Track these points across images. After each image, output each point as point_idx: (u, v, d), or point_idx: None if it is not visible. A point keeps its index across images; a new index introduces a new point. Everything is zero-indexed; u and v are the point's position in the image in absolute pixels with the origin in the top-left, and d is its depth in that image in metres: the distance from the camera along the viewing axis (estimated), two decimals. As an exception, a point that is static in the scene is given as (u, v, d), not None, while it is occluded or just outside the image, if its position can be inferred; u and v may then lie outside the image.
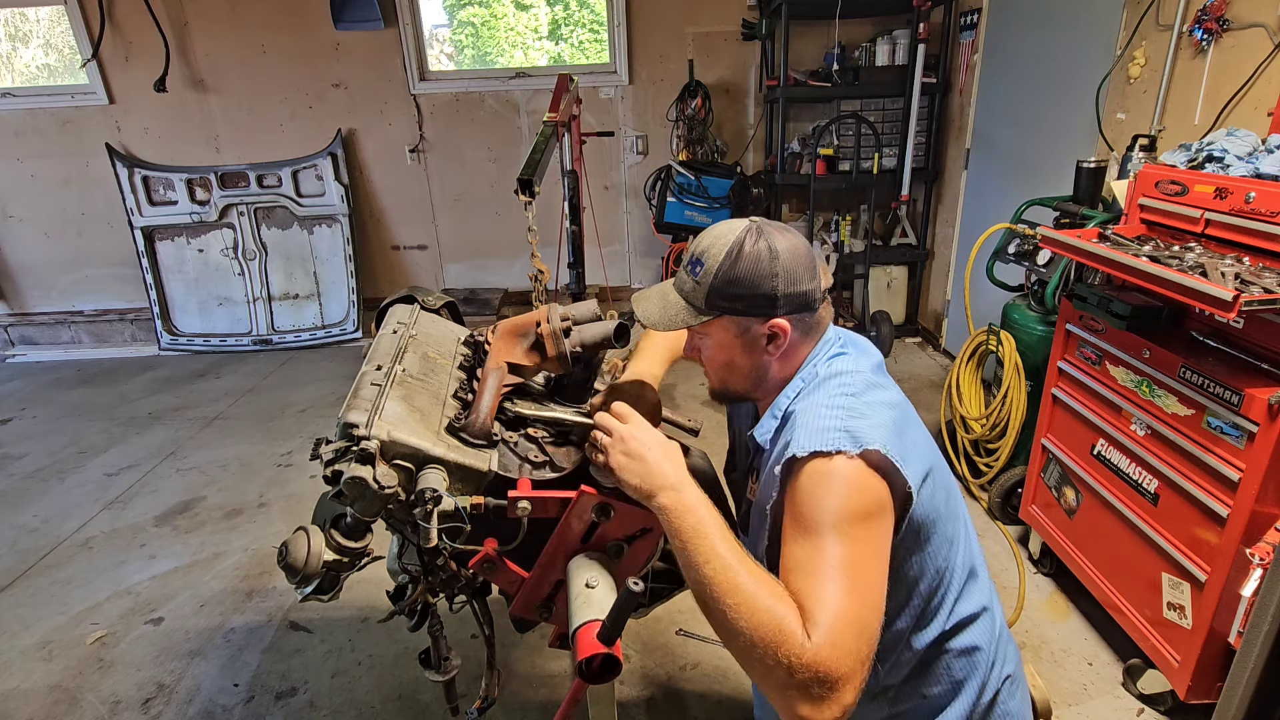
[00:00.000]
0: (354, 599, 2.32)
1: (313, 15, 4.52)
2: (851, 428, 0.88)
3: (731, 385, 1.08)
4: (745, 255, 0.97)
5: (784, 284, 0.97)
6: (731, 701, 1.96)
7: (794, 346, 1.02)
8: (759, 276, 0.97)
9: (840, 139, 4.37)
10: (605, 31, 4.79)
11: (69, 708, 2.01)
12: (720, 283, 0.98)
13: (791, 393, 1.03)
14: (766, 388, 1.06)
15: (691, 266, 1.02)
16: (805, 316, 1.01)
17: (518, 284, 5.18)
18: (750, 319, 1.00)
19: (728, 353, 1.04)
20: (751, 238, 0.98)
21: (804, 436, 0.89)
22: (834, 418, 0.90)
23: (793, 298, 0.98)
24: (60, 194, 4.90)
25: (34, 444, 3.62)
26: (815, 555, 0.83)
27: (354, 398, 1.08)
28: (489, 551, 1.07)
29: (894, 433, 0.90)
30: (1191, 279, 1.53)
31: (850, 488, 0.85)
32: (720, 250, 0.98)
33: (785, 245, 0.98)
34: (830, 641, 0.76)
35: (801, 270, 0.98)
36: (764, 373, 1.04)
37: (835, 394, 0.95)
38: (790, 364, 1.05)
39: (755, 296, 0.98)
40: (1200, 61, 2.38)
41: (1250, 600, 1.55)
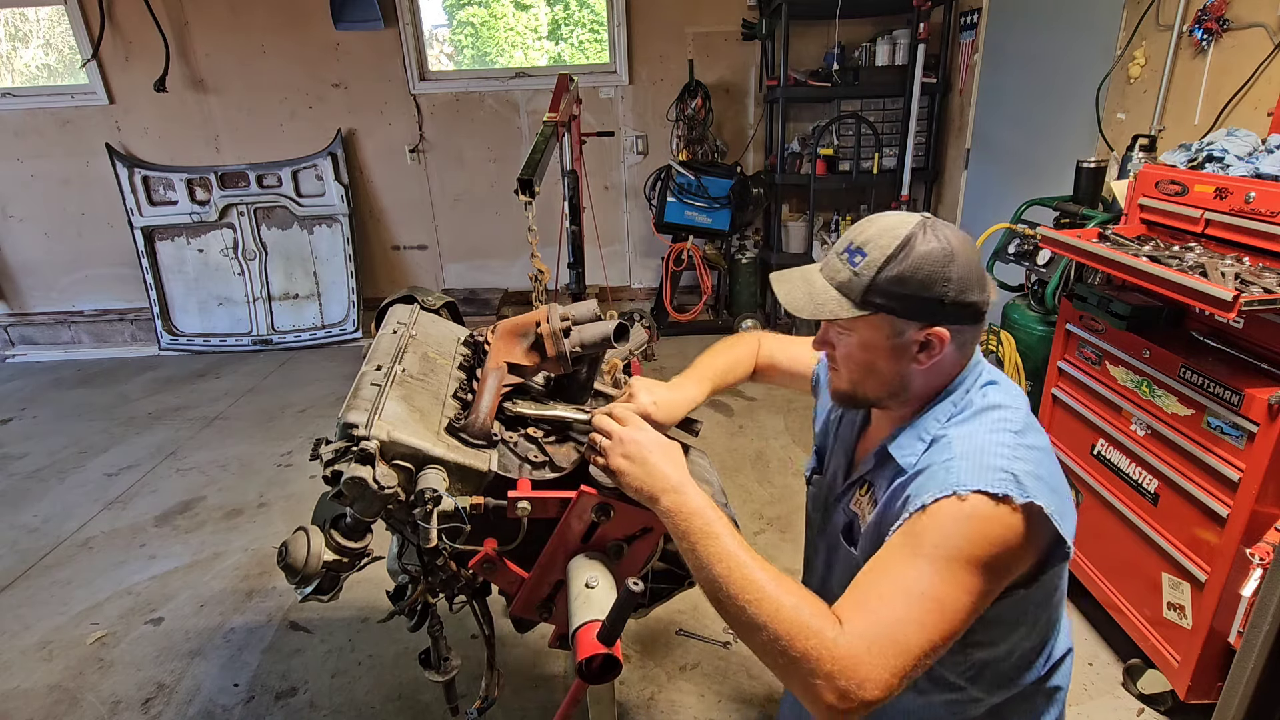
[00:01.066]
0: (354, 599, 2.32)
1: (313, 15, 4.52)
2: (1018, 472, 0.82)
3: (864, 390, 0.98)
4: (918, 252, 0.86)
5: (956, 290, 0.87)
6: (731, 701, 1.96)
7: (945, 360, 0.92)
8: (931, 278, 0.86)
9: (840, 139, 4.37)
10: (605, 31, 4.79)
11: (69, 708, 2.01)
12: (884, 278, 0.87)
13: (942, 416, 0.93)
14: (903, 399, 0.97)
15: (850, 255, 0.91)
16: (966, 329, 0.91)
17: (518, 284, 5.18)
18: (908, 322, 0.89)
19: (871, 355, 0.93)
20: (924, 233, 0.87)
21: (967, 471, 0.82)
22: (999, 456, 0.83)
23: (961, 307, 0.88)
24: (60, 194, 4.90)
25: (34, 444, 3.62)
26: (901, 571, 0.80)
27: (354, 398, 1.08)
28: (489, 551, 1.07)
29: (1055, 485, 0.84)
30: (1191, 279, 1.53)
31: (992, 538, 0.79)
32: (889, 242, 0.87)
33: (961, 248, 0.87)
34: (866, 643, 0.74)
35: (974, 277, 0.88)
36: (906, 382, 0.94)
37: (997, 428, 0.88)
38: (936, 380, 0.95)
39: (921, 299, 0.87)
40: (1200, 61, 2.38)
41: (1250, 600, 1.55)
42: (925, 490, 0.84)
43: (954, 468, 0.83)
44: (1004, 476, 0.81)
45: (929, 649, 0.76)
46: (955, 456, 0.85)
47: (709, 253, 4.66)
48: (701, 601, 2.26)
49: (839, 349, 0.97)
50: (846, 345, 0.96)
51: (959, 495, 0.80)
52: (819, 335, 1.01)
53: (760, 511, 2.80)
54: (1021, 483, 0.80)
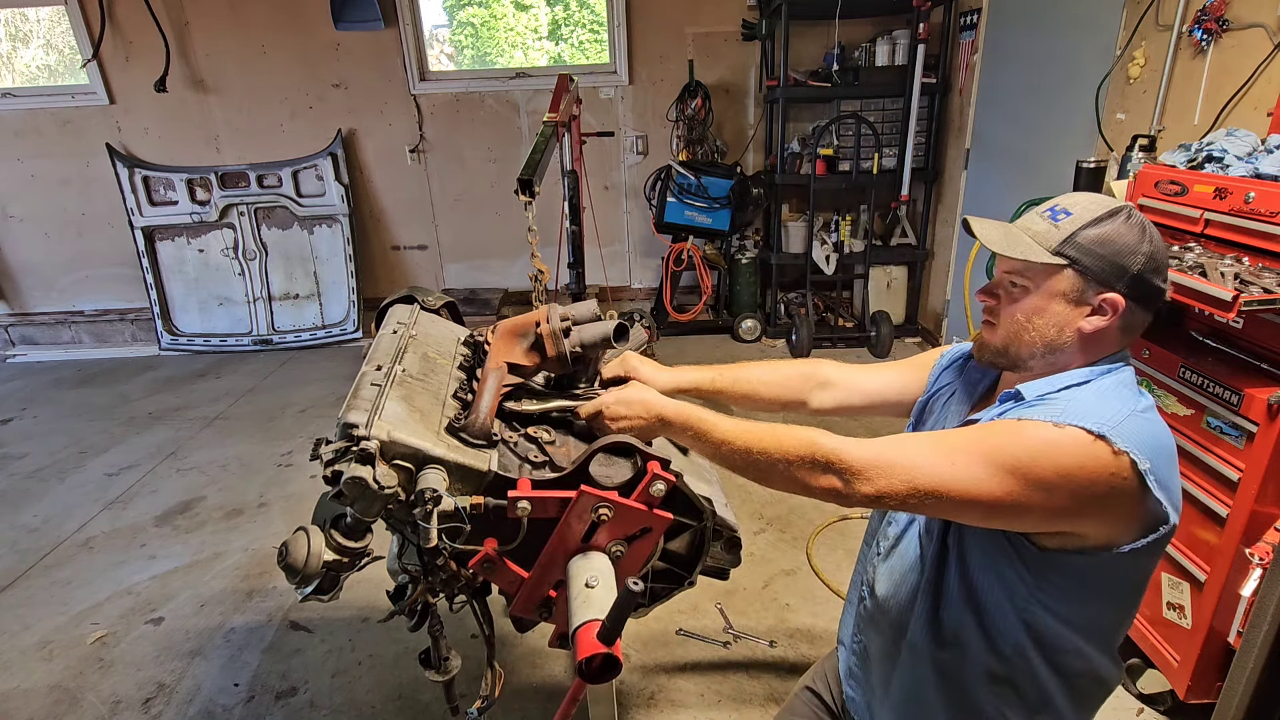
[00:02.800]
0: (354, 599, 2.33)
1: (313, 15, 4.52)
2: (1127, 429, 0.84)
3: (1017, 347, 0.98)
4: (1119, 223, 0.92)
5: (1144, 266, 0.91)
6: (731, 701, 1.96)
7: (1107, 334, 0.95)
8: (1127, 247, 0.91)
9: (840, 139, 4.37)
10: (605, 31, 4.79)
11: (69, 707, 2.01)
12: (1085, 235, 0.92)
13: (1078, 377, 0.95)
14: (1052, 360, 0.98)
15: (1053, 213, 0.95)
16: (1138, 310, 0.94)
17: (518, 284, 5.18)
18: (1090, 283, 0.92)
19: (1045, 303, 0.95)
20: (1128, 215, 0.93)
21: (1075, 412, 0.85)
22: (1116, 412, 0.86)
23: (1145, 284, 0.92)
24: (60, 194, 4.91)
25: (34, 444, 3.62)
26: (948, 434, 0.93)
27: (354, 398, 1.08)
28: (489, 551, 1.07)
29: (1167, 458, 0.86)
30: (1191, 279, 1.53)
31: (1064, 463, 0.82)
32: (1097, 208, 0.93)
33: (1157, 235, 0.93)
34: (874, 451, 0.88)
35: (1162, 264, 0.93)
36: (1061, 345, 0.96)
37: (1127, 399, 0.90)
38: (1088, 355, 0.97)
39: (1113, 264, 0.91)
40: (1200, 61, 2.38)
41: (1250, 600, 1.55)
42: (1024, 413, 0.89)
43: (1063, 408, 0.87)
44: (1109, 423, 0.83)
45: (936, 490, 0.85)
46: (1072, 401, 0.88)
47: (709, 253, 4.66)
48: (702, 601, 2.28)
49: (1005, 301, 0.99)
50: (1018, 296, 0.98)
51: (1055, 423, 0.84)
52: (987, 286, 1.03)
53: (760, 511, 2.80)
54: (1125, 436, 0.82)
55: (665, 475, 1.08)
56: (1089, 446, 0.82)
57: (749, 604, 2.31)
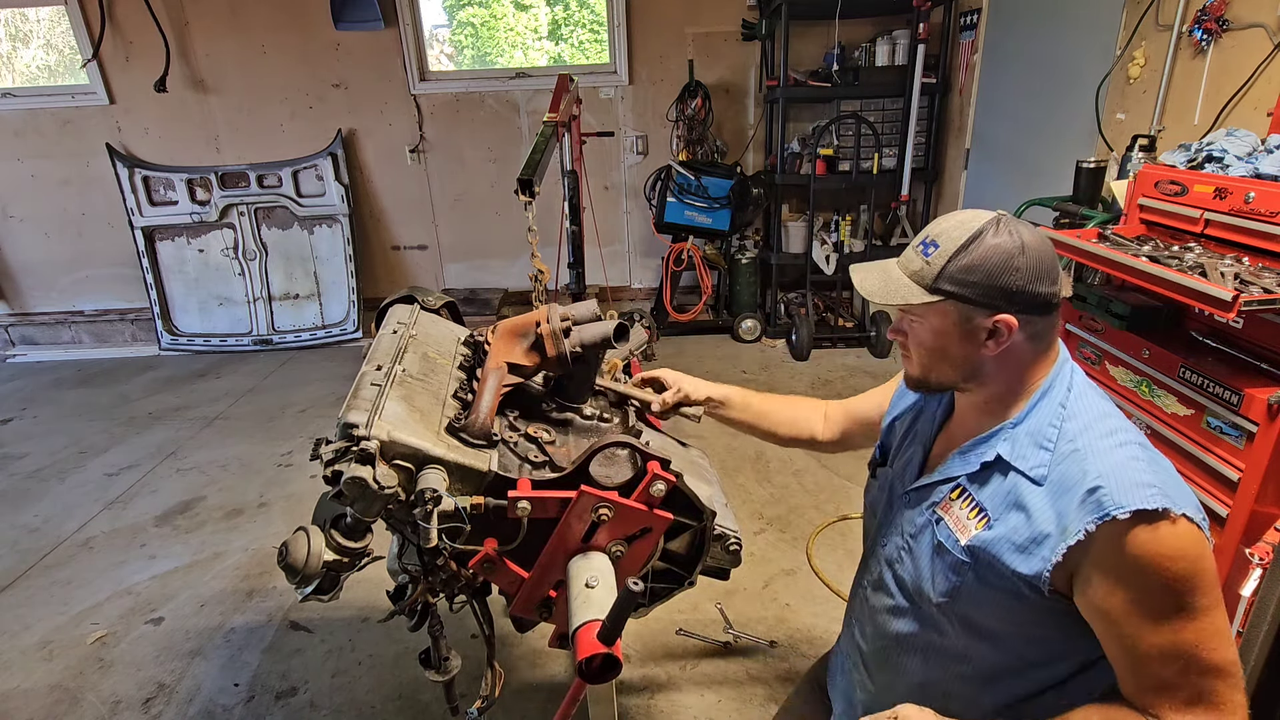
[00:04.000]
0: (354, 599, 2.33)
1: (313, 15, 4.52)
2: (1163, 485, 0.84)
3: (936, 375, 1.01)
4: (987, 244, 0.91)
5: (1024, 279, 0.90)
6: (731, 701, 1.96)
7: (1016, 350, 0.95)
8: (998, 267, 0.90)
9: (840, 139, 4.37)
10: (605, 31, 4.79)
11: (69, 707, 2.01)
12: (954, 266, 0.92)
13: (1056, 420, 0.94)
14: (980, 381, 1.00)
15: (924, 247, 0.96)
16: (1035, 319, 0.94)
17: (518, 284, 5.18)
18: (976, 309, 0.93)
19: (942, 340, 0.97)
20: (995, 228, 0.92)
21: (1116, 489, 0.84)
22: (1140, 470, 0.85)
23: (1029, 296, 0.91)
24: (60, 194, 4.91)
25: (34, 444, 3.62)
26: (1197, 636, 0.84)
27: (354, 398, 1.08)
28: (489, 551, 1.07)
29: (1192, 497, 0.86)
30: (1191, 279, 1.53)
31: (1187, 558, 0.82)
32: (961, 234, 0.92)
33: (1032, 240, 0.92)
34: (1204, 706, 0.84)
35: (1045, 270, 0.92)
36: (977, 368, 0.98)
37: (1123, 440, 0.90)
38: (1013, 370, 0.97)
39: (989, 287, 0.91)
40: (1200, 61, 2.38)
41: (1250, 600, 1.55)
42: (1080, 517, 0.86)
43: (1104, 488, 0.85)
44: (1154, 492, 0.83)
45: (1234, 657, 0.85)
46: (1099, 476, 0.86)
47: (709, 253, 4.66)
48: (702, 601, 2.28)
49: (911, 336, 1.01)
50: (918, 333, 1.00)
51: (1117, 519, 0.83)
52: (894, 323, 1.05)
53: (760, 511, 2.80)
54: (1170, 495, 0.83)
55: (665, 475, 1.08)
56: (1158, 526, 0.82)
57: (749, 604, 2.31)
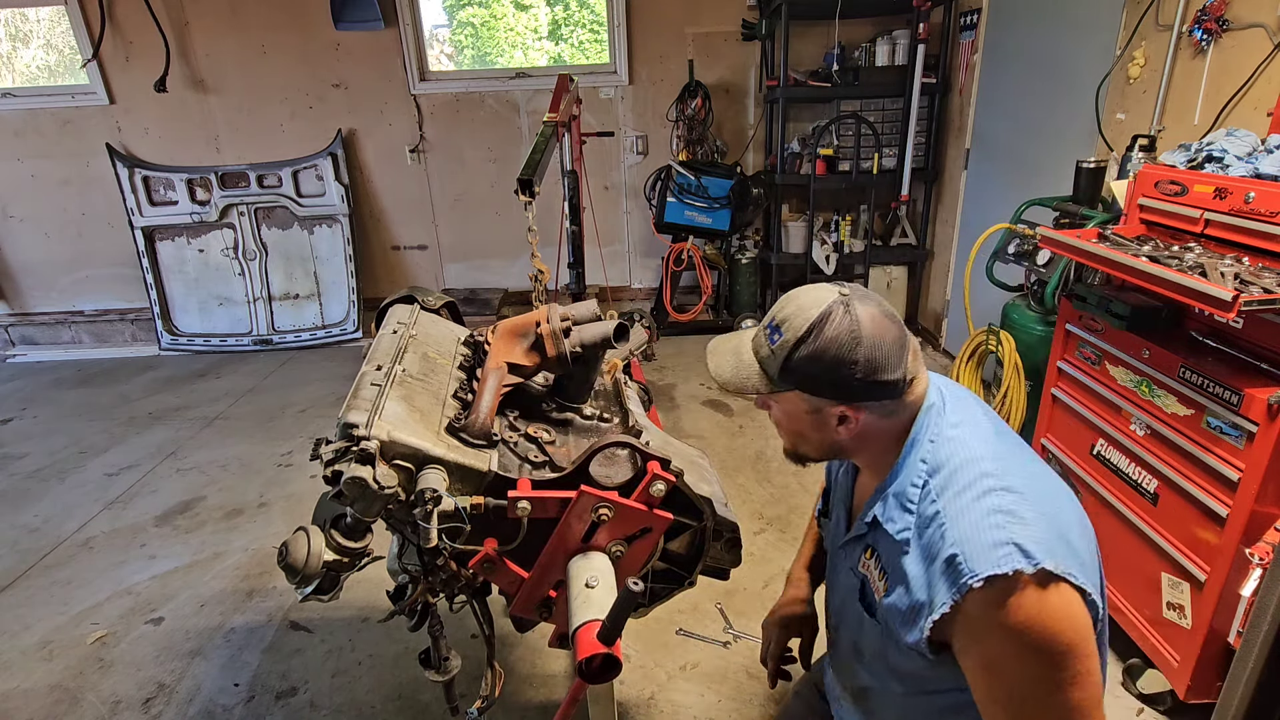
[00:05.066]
0: (354, 599, 2.33)
1: (313, 15, 4.52)
2: (1021, 539, 0.81)
3: (802, 451, 1.04)
4: (826, 336, 0.89)
5: (863, 372, 0.89)
6: (731, 701, 1.96)
7: (872, 427, 0.96)
8: (837, 362, 0.89)
9: (840, 139, 4.37)
10: (605, 31, 4.79)
11: (69, 707, 2.01)
12: (796, 358, 0.91)
13: (918, 479, 0.93)
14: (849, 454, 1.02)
15: (770, 331, 0.95)
16: (887, 403, 0.94)
17: (518, 284, 5.18)
18: (822, 400, 0.94)
19: (797, 424, 0.99)
20: (837, 315, 0.89)
21: (970, 556, 0.82)
22: (996, 527, 0.83)
23: (871, 387, 0.91)
24: (60, 194, 4.90)
25: (34, 444, 3.62)
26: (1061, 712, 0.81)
27: (354, 398, 1.08)
28: (489, 551, 1.07)
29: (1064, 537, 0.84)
30: (1191, 279, 1.53)
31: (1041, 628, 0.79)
32: (801, 324, 0.91)
33: (872, 329, 0.89)
34: None
35: (886, 358, 0.90)
36: (837, 448, 1.00)
37: (983, 489, 0.87)
38: (874, 442, 0.98)
39: (831, 381, 0.91)
40: (1200, 61, 2.38)
41: (1250, 600, 1.55)
42: (943, 589, 0.85)
43: (960, 555, 0.83)
44: (1007, 551, 0.81)
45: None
46: (956, 543, 0.85)
47: (709, 253, 4.66)
48: (702, 601, 2.28)
49: (773, 414, 1.04)
50: (776, 413, 1.02)
51: (974, 587, 0.81)
52: (758, 399, 1.04)
53: (760, 511, 2.80)
54: (1027, 550, 0.80)
55: (665, 475, 1.09)
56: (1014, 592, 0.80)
57: (749, 604, 2.31)
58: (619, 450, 1.10)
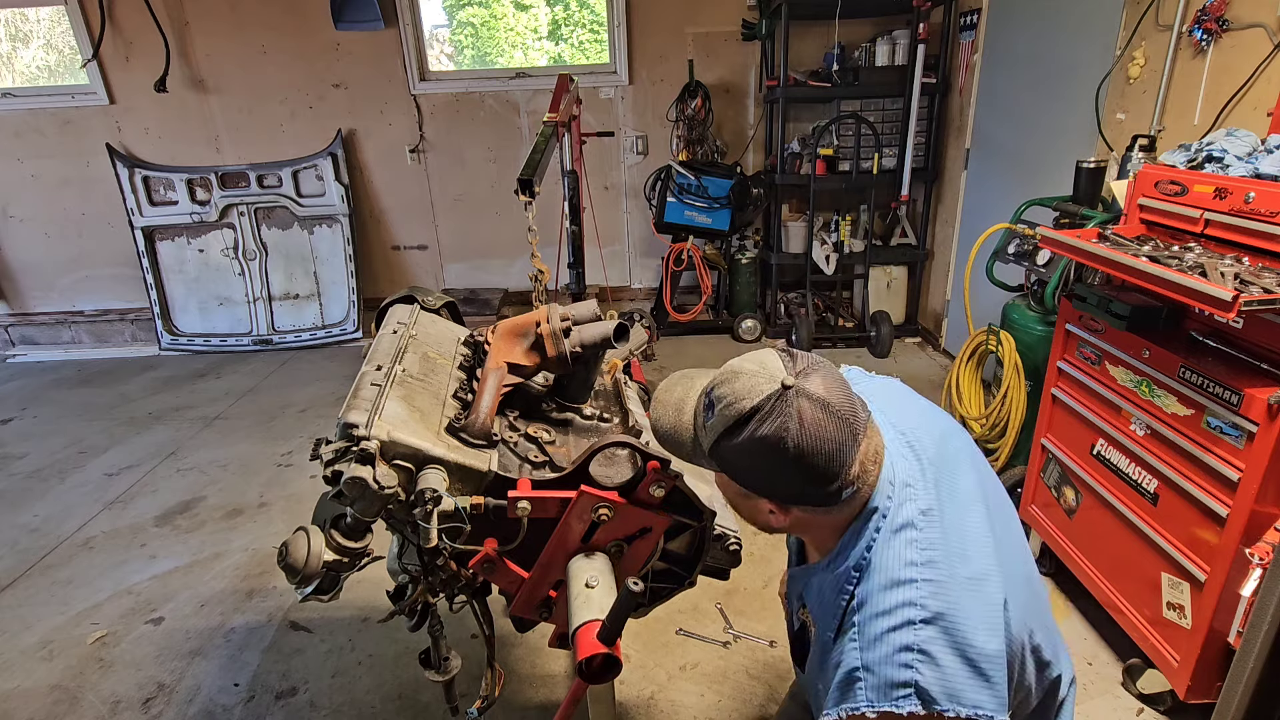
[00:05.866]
0: (354, 599, 2.33)
1: (313, 15, 4.52)
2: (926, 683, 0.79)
3: (747, 520, 0.99)
4: (754, 435, 0.80)
5: (791, 482, 0.83)
6: (731, 701, 1.96)
7: (804, 521, 0.90)
8: (765, 467, 0.82)
9: (840, 139, 4.37)
10: (605, 31, 4.79)
11: (69, 707, 2.01)
12: (724, 445, 0.85)
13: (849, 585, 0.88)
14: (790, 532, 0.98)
15: (706, 406, 0.87)
16: (818, 509, 0.87)
17: (518, 284, 5.18)
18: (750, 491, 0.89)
19: (730, 494, 0.95)
20: (773, 413, 0.80)
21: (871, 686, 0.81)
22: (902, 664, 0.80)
23: (802, 495, 0.85)
24: (60, 194, 4.91)
25: (34, 444, 3.62)
26: None
27: (354, 398, 1.08)
28: (489, 551, 1.07)
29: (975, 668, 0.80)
30: (1191, 279, 1.53)
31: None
32: (733, 414, 0.82)
33: (807, 439, 0.79)
34: None
35: (819, 471, 0.81)
36: (774, 528, 0.94)
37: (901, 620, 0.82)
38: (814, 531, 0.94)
39: (757, 481, 0.86)
40: (1200, 61, 2.38)
41: (1250, 600, 1.55)
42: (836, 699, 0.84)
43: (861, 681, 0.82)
44: (907, 693, 0.79)
45: None
46: (860, 667, 0.83)
47: (709, 253, 4.66)
48: (702, 601, 2.28)
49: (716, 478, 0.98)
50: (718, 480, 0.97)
51: (866, 715, 0.81)
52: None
53: (760, 511, 2.80)
54: (929, 696, 0.79)
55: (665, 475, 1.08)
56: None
57: (749, 604, 2.31)
58: (619, 450, 1.10)
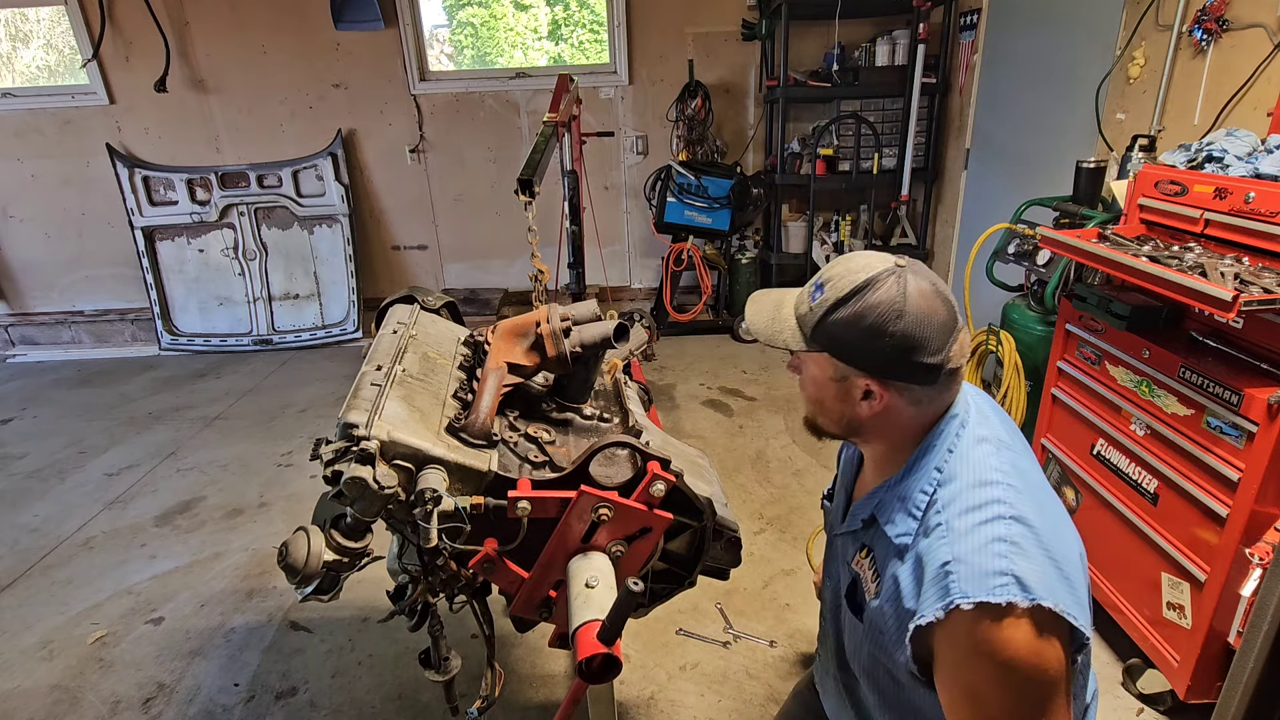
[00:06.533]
0: (354, 599, 2.33)
1: (313, 15, 4.52)
2: (1021, 573, 0.78)
3: (820, 423, 0.99)
4: (868, 302, 0.84)
5: (899, 347, 0.84)
6: (731, 701, 1.96)
7: (896, 412, 0.91)
8: (872, 330, 0.84)
9: (840, 139, 4.37)
10: (605, 31, 4.79)
11: (69, 707, 2.01)
12: (832, 319, 0.87)
13: (929, 486, 0.89)
14: (864, 437, 0.97)
15: (814, 289, 0.91)
16: (915, 389, 0.88)
17: (518, 284, 5.18)
18: (849, 368, 0.89)
19: (820, 390, 0.94)
20: (886, 283, 0.84)
21: (965, 576, 0.79)
22: (997, 555, 0.80)
23: (905, 366, 0.85)
24: (61, 194, 4.90)
25: (34, 444, 3.62)
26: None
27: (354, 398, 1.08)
28: (489, 551, 1.07)
29: (1063, 572, 0.81)
30: (1191, 279, 1.53)
31: (1027, 662, 0.78)
32: (846, 285, 0.86)
33: (919, 304, 0.84)
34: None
35: (927, 338, 0.84)
36: (856, 425, 0.94)
37: (993, 515, 0.83)
38: (895, 430, 0.93)
39: (860, 349, 0.86)
40: (1200, 61, 2.38)
41: (1250, 600, 1.55)
42: (930, 599, 0.83)
43: (957, 575, 0.81)
44: (1004, 582, 0.78)
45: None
46: (953, 560, 0.82)
47: (709, 253, 4.66)
48: (702, 601, 2.28)
49: (801, 376, 0.98)
50: (804, 375, 0.97)
51: (961, 608, 0.79)
52: (790, 360, 1.01)
53: (760, 511, 2.80)
54: (1025, 583, 0.78)
55: (665, 475, 1.09)
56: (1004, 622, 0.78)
57: (749, 604, 2.31)
58: (619, 450, 1.10)
